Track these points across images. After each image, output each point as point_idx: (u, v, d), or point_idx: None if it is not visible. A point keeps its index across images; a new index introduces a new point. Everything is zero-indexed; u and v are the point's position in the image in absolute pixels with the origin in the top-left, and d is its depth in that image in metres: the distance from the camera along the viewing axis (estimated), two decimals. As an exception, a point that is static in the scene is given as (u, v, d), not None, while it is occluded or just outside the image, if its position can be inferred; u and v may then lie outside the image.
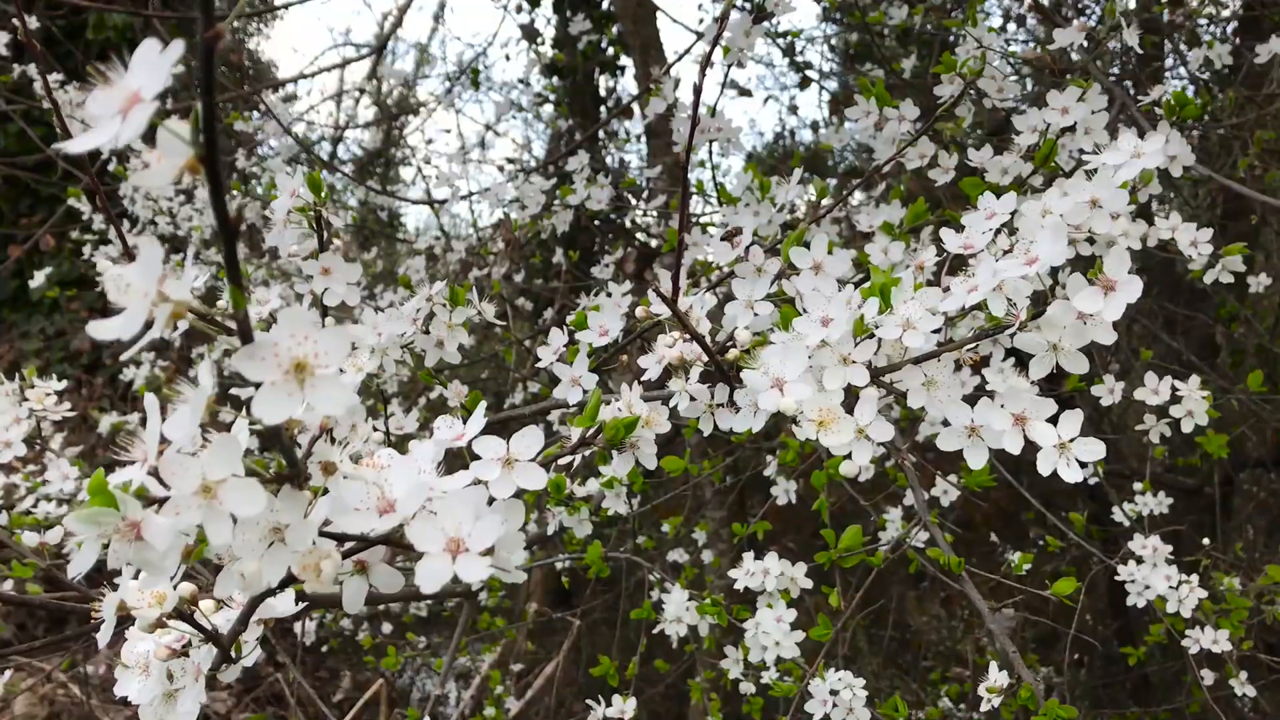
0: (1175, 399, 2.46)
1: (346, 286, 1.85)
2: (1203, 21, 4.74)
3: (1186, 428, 2.44)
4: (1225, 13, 4.65)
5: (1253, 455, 6.04)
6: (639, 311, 1.47)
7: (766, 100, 9.16)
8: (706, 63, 1.51)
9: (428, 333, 1.75)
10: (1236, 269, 2.32)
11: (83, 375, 9.22)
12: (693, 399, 1.47)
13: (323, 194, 1.79)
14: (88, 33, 9.35)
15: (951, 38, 4.05)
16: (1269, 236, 5.84)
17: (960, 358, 1.38)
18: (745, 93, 8.64)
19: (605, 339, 1.62)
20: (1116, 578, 3.18)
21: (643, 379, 1.52)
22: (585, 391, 1.64)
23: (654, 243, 5.57)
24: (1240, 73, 4.12)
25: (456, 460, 1.05)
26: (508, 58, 8.47)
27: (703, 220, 3.79)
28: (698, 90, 1.21)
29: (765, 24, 6.72)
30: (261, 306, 1.87)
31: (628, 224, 6.05)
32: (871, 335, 1.34)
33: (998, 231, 1.48)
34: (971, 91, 2.55)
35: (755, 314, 1.57)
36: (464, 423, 1.11)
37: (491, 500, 0.94)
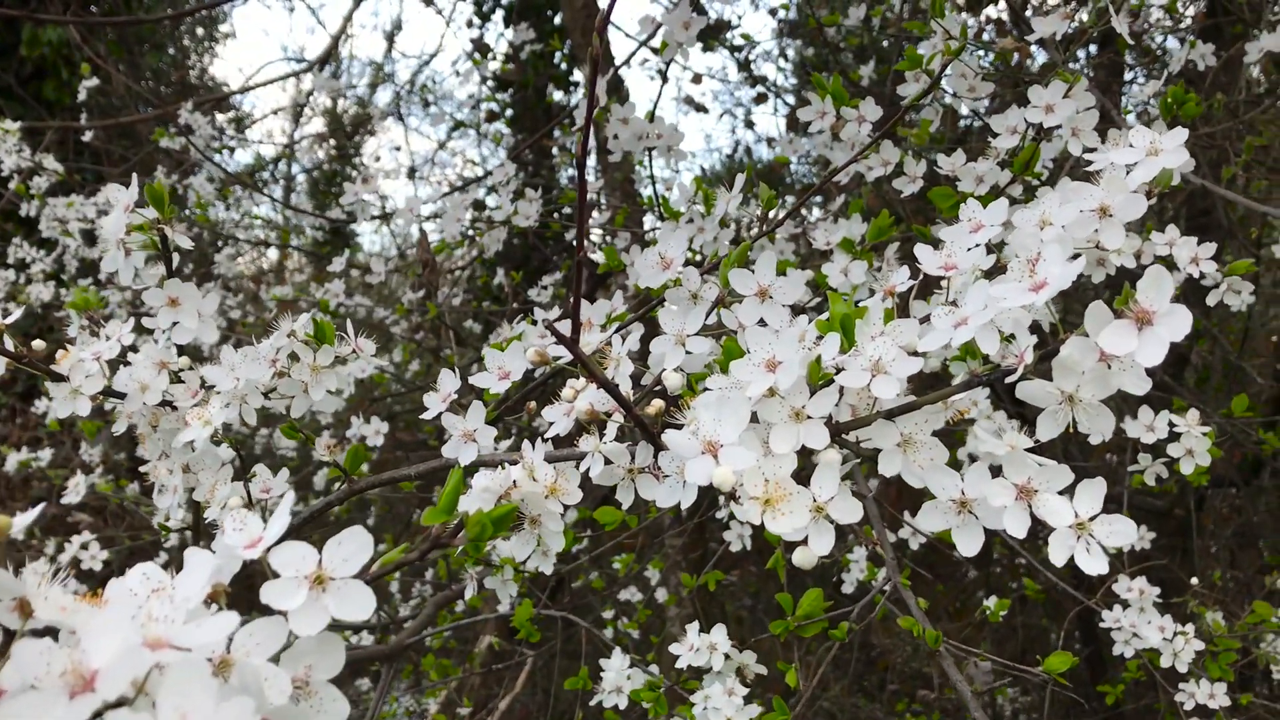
0: (1173, 435, 2.19)
1: (200, 320, 1.52)
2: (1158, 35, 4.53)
3: (1186, 469, 2.16)
4: (1185, 24, 4.44)
5: (1223, 474, 5.84)
6: (529, 354, 1.16)
7: (722, 115, 8.90)
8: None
9: (287, 376, 1.42)
10: (1243, 289, 2.06)
11: (17, 404, 8.76)
12: (608, 462, 1.16)
13: (167, 208, 1.47)
14: (21, 49, 8.91)
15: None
16: (1235, 248, 5.64)
17: (948, 410, 1.08)
18: (700, 108, 8.38)
19: (505, 383, 1.31)
20: (1101, 624, 2.91)
21: (547, 435, 1.21)
22: (482, 449, 1.33)
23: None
24: (1207, 80, 3.90)
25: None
26: (458, 73, 8.12)
27: (651, 238, 3.50)
28: (595, 59, 0.90)
29: (723, 35, 6.46)
30: (105, 345, 1.53)
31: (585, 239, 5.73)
32: (831, 382, 1.04)
33: (989, 248, 1.18)
34: (940, 91, 2.27)
35: (688, 351, 1.27)
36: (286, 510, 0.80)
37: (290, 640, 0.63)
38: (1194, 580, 3.25)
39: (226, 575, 0.78)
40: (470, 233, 3.70)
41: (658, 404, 1.10)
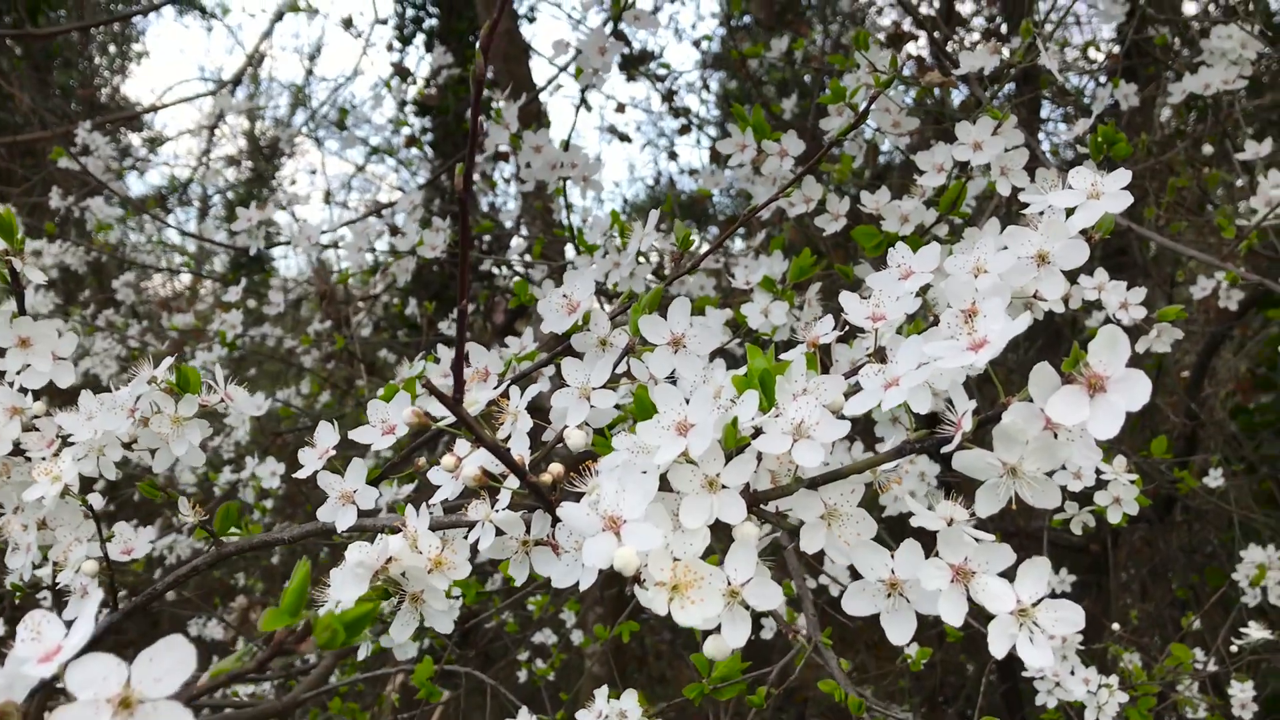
0: (1100, 483, 2.12)
1: (55, 362, 1.37)
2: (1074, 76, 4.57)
3: (1114, 518, 2.10)
4: (1100, 64, 4.48)
5: (1139, 510, 5.86)
6: (405, 415, 1.03)
7: (645, 145, 8.84)
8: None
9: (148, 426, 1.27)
10: (1175, 337, 2.00)
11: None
12: (500, 532, 1.04)
13: (17, 239, 1.32)
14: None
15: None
16: (1150, 286, 5.71)
17: (876, 480, 0.98)
18: (624, 137, 8.31)
19: (390, 438, 1.18)
20: (1024, 673, 2.84)
21: (431, 503, 1.08)
22: (361, 512, 1.19)
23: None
24: (1123, 120, 3.92)
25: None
26: (378, 98, 7.96)
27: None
28: (479, 81, 0.79)
29: (646, 65, 6.40)
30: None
31: (502, 270, 5.60)
32: (748, 446, 0.93)
33: (921, 297, 1.08)
34: (864, 126, 2.19)
35: (593, 406, 1.15)
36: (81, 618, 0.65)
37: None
38: (1115, 626, 3.19)
39: (18, 693, 0.64)
40: (379, 261, 3.54)
41: (556, 469, 0.97)
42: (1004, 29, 5.42)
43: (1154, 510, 5.63)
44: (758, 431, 0.94)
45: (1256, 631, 2.87)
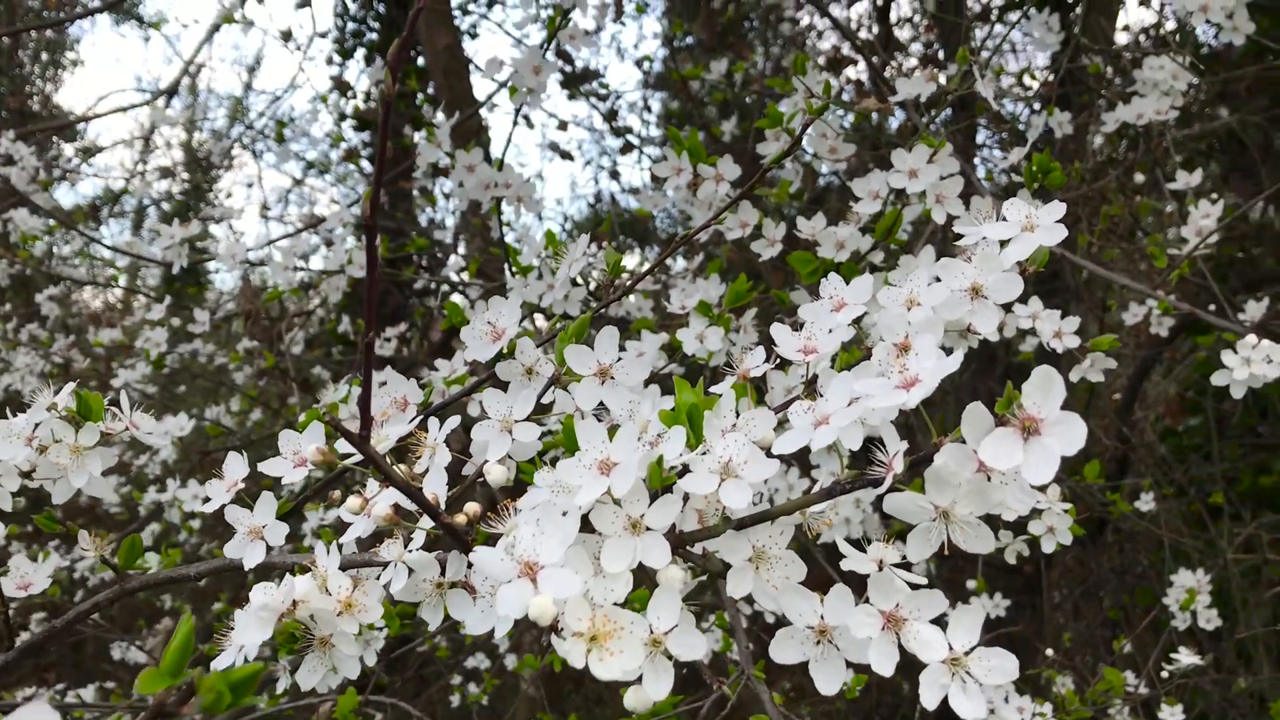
0: (1034, 511, 2.11)
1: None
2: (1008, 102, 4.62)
3: (1048, 548, 2.09)
4: (1034, 91, 4.54)
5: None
6: (309, 453, 0.98)
7: (587, 164, 8.81)
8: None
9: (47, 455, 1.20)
10: (1107, 366, 2.01)
11: None
12: (413, 573, 0.99)
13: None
14: None
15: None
16: (1081, 311, 5.78)
17: (806, 522, 0.94)
18: (566, 155, 8.28)
19: (302, 471, 1.12)
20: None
21: (342, 541, 1.03)
22: (271, 548, 1.14)
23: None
24: (1056, 148, 3.96)
25: None
26: (316, 111, 7.84)
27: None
28: (387, 101, 0.74)
29: (588, 84, 6.37)
30: None
31: (442, 287, 5.52)
32: (674, 486, 0.89)
33: (858, 326, 1.05)
34: (801, 150, 2.18)
35: (515, 440, 1.10)
36: None
37: None
38: (1049, 651, 3.20)
39: None
40: (310, 278, 3.46)
41: (472, 508, 0.93)
42: (941, 56, 5.48)
43: (1086, 532, 5.69)
44: (684, 470, 0.91)
45: (1187, 657, 2.89)
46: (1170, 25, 3.99)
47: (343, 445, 0.97)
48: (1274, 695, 3.65)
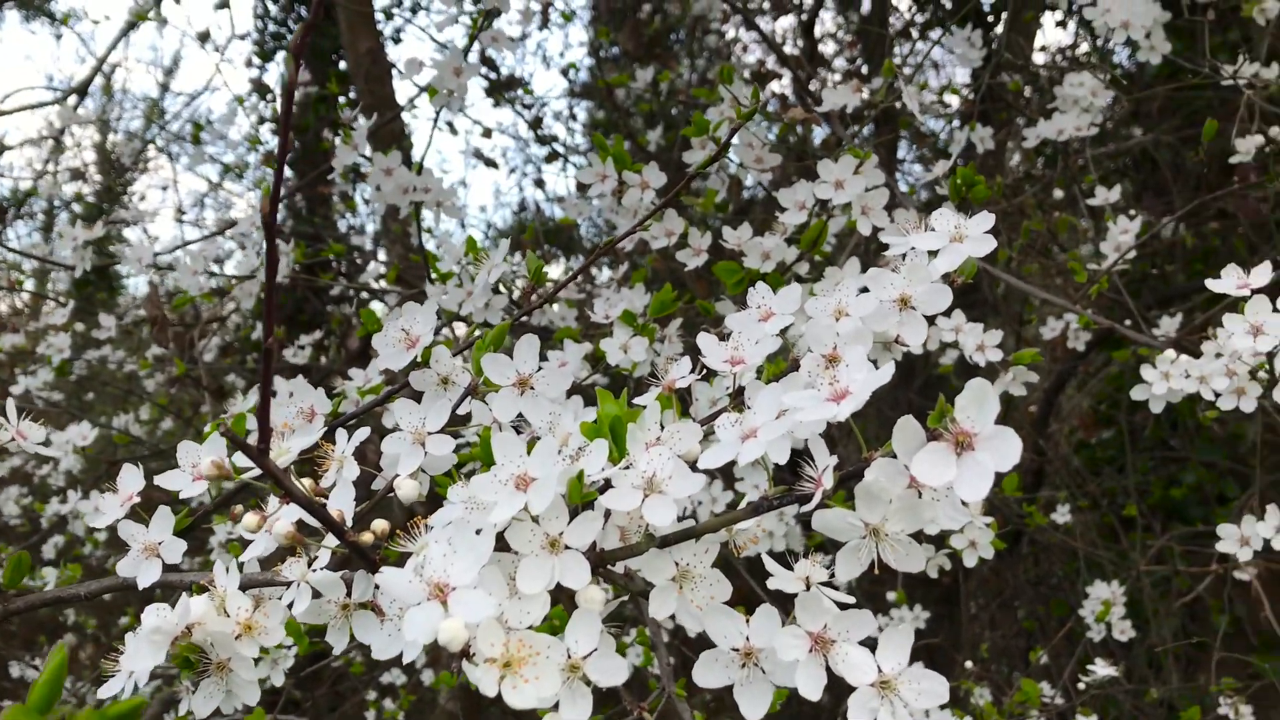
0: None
1: None
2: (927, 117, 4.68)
3: (970, 562, 2.09)
4: (955, 107, 4.60)
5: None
6: (204, 467, 0.92)
7: (512, 172, 8.73)
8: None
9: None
10: (1029, 380, 2.01)
11: None
12: (318, 594, 0.93)
13: None
14: None
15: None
16: (999, 325, 5.87)
17: (732, 539, 0.91)
18: (490, 163, 8.20)
19: (202, 485, 1.05)
20: None
21: (243, 559, 0.97)
22: (167, 567, 1.07)
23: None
24: (976, 163, 4.00)
25: None
26: (232, 114, 7.66)
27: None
28: (289, 92, 0.69)
29: (513, 92, 6.31)
30: None
31: (362, 293, 5.41)
32: (595, 503, 0.85)
33: (785, 337, 1.02)
34: (727, 160, 2.15)
35: (428, 453, 1.05)
36: None
37: None
38: (969, 664, 3.22)
39: None
40: (222, 284, 3.35)
41: (380, 526, 0.88)
42: (865, 71, 5.53)
43: (1003, 542, 5.77)
44: (606, 485, 0.86)
45: (1102, 669, 2.92)
46: (1085, 47, 4.07)
47: (243, 458, 0.91)
48: (1184, 704, 3.71)
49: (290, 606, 0.93)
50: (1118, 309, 3.68)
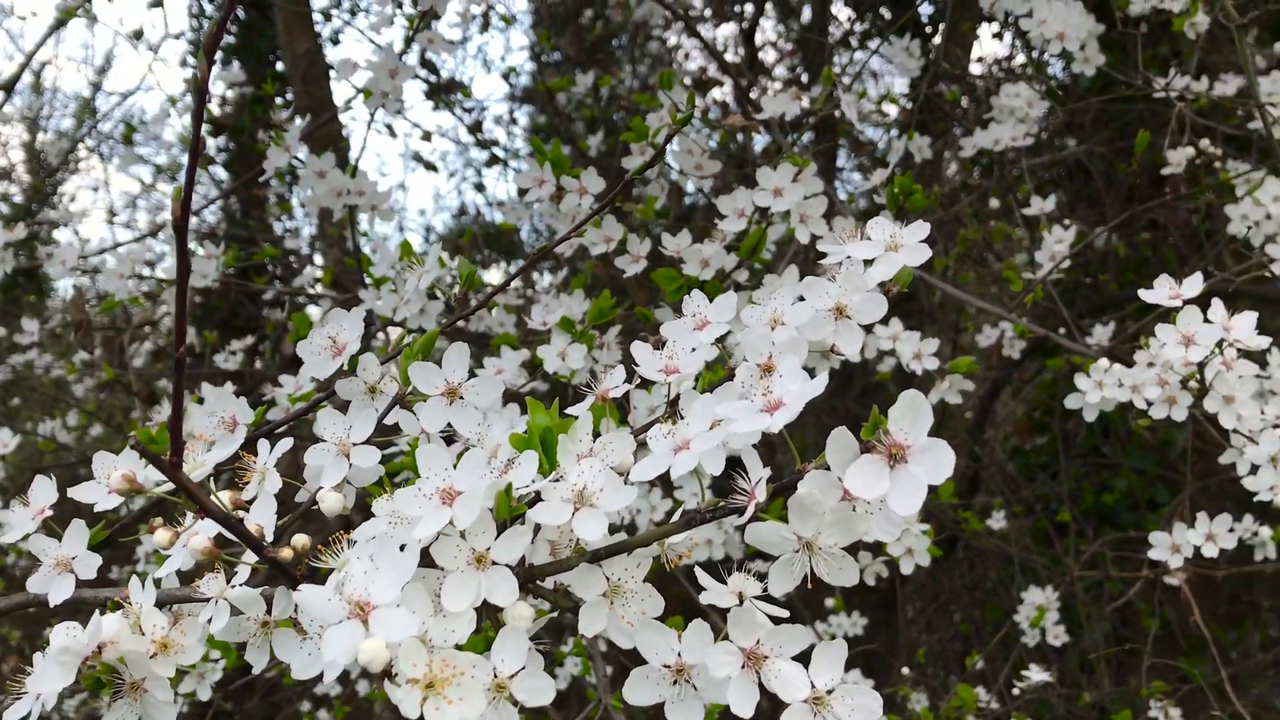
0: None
1: None
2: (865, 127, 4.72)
3: (906, 569, 2.10)
4: (893, 116, 4.65)
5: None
6: (114, 481, 0.88)
7: (452, 175, 8.66)
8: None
9: None
10: (964, 388, 2.02)
11: None
12: (237, 611, 0.90)
13: None
14: None
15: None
16: (935, 333, 5.93)
17: (664, 553, 0.89)
18: (430, 166, 8.13)
19: (116, 499, 1.01)
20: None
21: (159, 574, 0.93)
22: (81, 582, 1.03)
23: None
24: (914, 172, 4.04)
25: None
26: (165, 114, 7.51)
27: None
28: (201, 89, 0.66)
29: (453, 95, 6.25)
30: None
31: (298, 298, 5.31)
32: (524, 517, 0.83)
33: (722, 345, 1.01)
34: (667, 166, 2.14)
35: (353, 465, 1.02)
36: None
37: None
38: (905, 670, 3.24)
39: None
40: (154, 287, 3.27)
41: (300, 541, 0.85)
42: (805, 79, 5.56)
43: (939, 548, 5.82)
44: (536, 498, 0.84)
45: (1036, 674, 2.95)
46: (1021, 59, 4.12)
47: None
48: (1116, 707, 3.76)
49: (209, 624, 0.90)
50: (1052, 317, 3.73)
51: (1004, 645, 4.21)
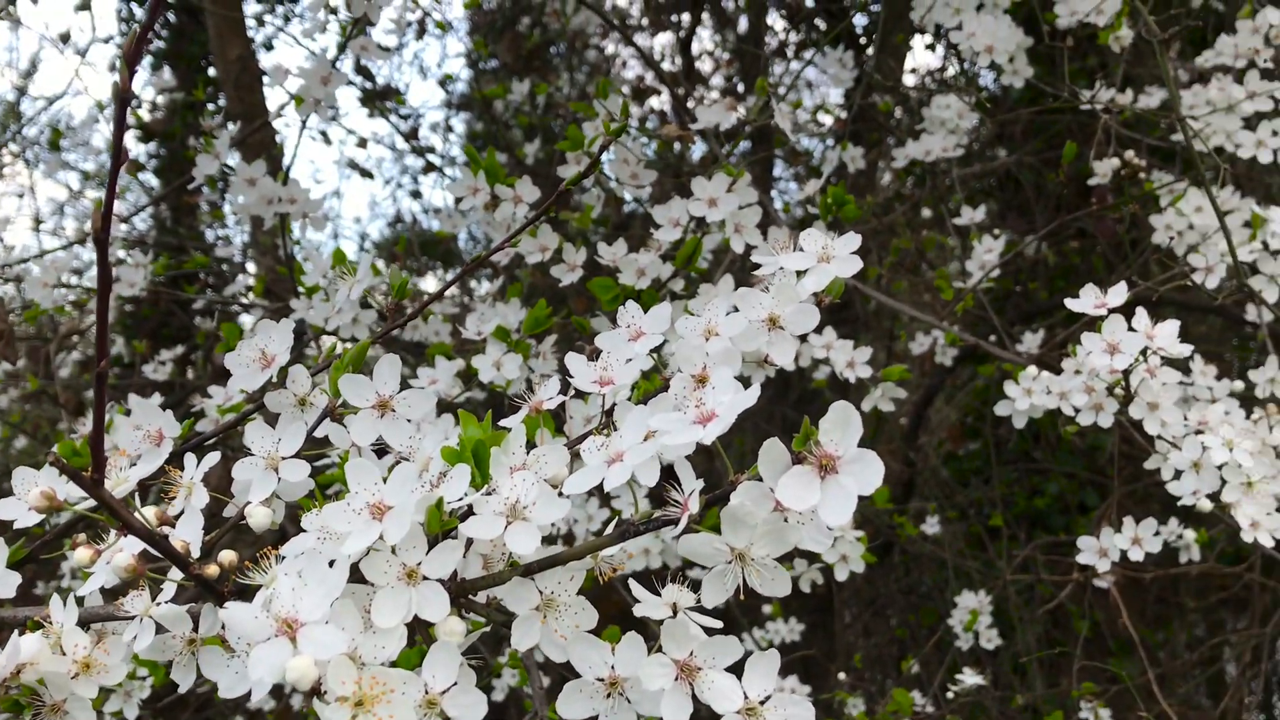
0: (827, 540, 2.13)
1: None
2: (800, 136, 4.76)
3: (841, 576, 2.11)
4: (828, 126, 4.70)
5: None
6: (32, 498, 0.86)
7: (388, 182, 8.59)
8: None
9: None
10: (897, 396, 2.04)
11: None
12: (162, 629, 0.88)
13: None
14: None
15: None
16: (870, 340, 6.00)
17: (597, 566, 0.89)
18: (365, 173, 8.05)
19: (36, 516, 0.99)
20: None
21: (81, 592, 0.91)
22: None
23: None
24: (849, 182, 4.09)
25: None
26: (93, 119, 7.35)
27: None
28: (123, 100, 0.65)
29: (388, 101, 6.20)
30: None
31: (231, 307, 5.22)
32: (456, 531, 0.82)
33: (659, 355, 1.01)
34: (604, 176, 2.14)
35: (281, 478, 1.01)
36: None
37: None
38: (841, 675, 3.26)
39: None
40: (81, 296, 3.20)
41: (227, 557, 0.83)
42: (741, 89, 5.60)
43: (874, 553, 5.88)
44: (468, 512, 0.84)
45: (970, 677, 2.99)
46: (953, 70, 4.19)
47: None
48: (1047, 708, 3.82)
49: (133, 642, 0.88)
50: (983, 325, 3.79)
51: (939, 649, 4.26)
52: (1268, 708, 5.75)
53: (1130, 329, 1.57)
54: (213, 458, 0.98)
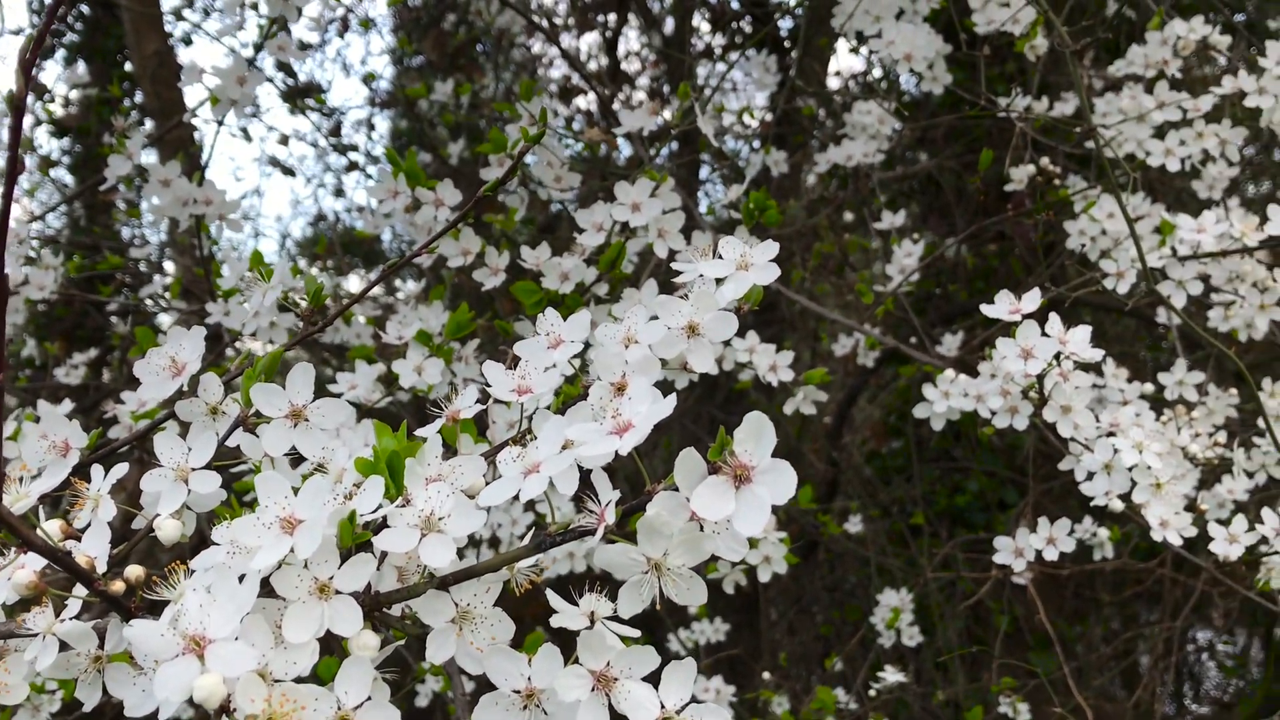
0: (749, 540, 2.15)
1: None
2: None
3: (764, 577, 2.13)
4: (754, 129, 4.73)
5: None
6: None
7: (310, 180, 8.46)
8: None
9: None
10: (818, 399, 2.07)
11: None
12: (66, 646, 0.85)
13: None
14: None
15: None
16: (795, 341, 6.05)
17: (513, 578, 0.88)
18: (287, 171, 7.92)
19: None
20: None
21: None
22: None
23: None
24: (773, 185, 4.13)
25: None
26: (5, 116, 7.08)
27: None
28: (19, 105, 0.63)
29: (310, 99, 6.10)
30: None
31: (146, 308, 5.10)
32: (369, 544, 0.81)
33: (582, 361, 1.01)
34: (528, 182, 2.14)
35: (191, 489, 0.98)
36: None
37: None
38: (766, 675, 3.29)
39: None
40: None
41: (134, 572, 0.81)
42: (666, 90, 5.61)
43: (799, 552, 5.93)
44: (383, 524, 0.83)
45: (892, 675, 3.03)
46: (877, 73, 4.24)
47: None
48: (969, 704, 3.89)
49: (34, 661, 0.85)
50: (904, 327, 3.85)
51: (863, 646, 4.32)
52: (1178, 697, 5.92)
53: (1044, 334, 1.60)
54: (121, 469, 0.96)
